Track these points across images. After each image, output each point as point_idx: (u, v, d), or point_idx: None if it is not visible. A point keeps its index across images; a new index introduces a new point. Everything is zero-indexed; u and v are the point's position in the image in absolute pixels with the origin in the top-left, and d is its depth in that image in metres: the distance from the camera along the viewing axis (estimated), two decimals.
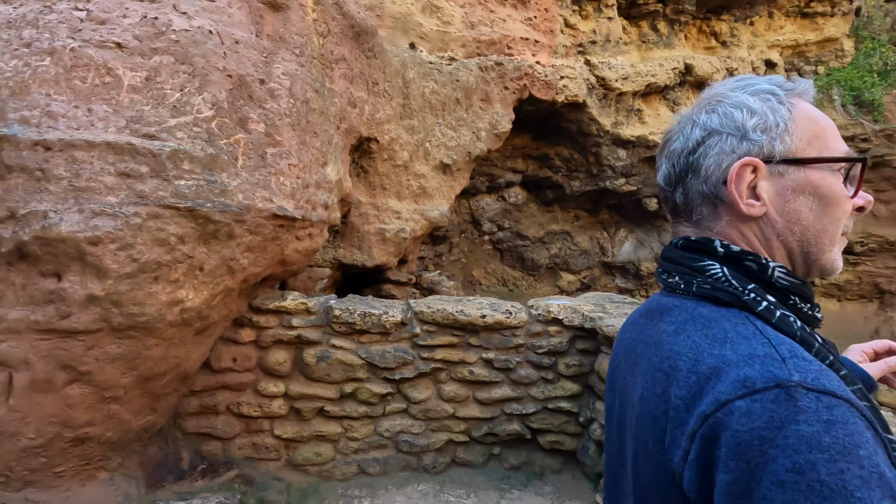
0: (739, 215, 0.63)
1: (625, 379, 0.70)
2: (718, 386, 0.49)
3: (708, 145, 0.63)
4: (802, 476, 0.42)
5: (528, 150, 7.74)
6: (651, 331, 0.66)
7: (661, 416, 0.55)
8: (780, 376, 0.47)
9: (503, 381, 3.20)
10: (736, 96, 0.64)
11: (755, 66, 8.24)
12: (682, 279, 0.65)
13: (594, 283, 9.10)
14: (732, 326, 0.56)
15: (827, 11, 8.40)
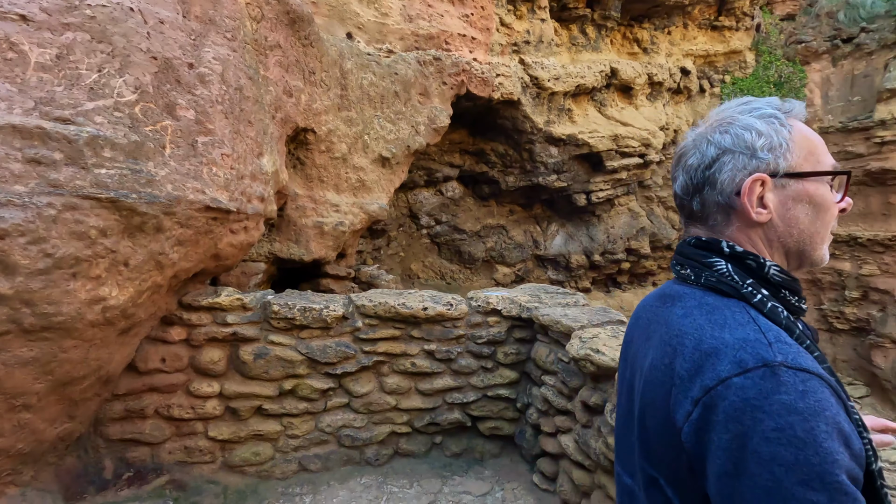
0: (748, 221, 0.74)
1: (637, 351, 0.83)
2: (719, 364, 0.62)
3: (722, 162, 0.74)
4: (783, 433, 0.55)
5: (465, 145, 7.86)
6: (664, 313, 0.78)
7: (668, 381, 0.68)
8: (767, 357, 0.60)
9: (445, 372, 3.27)
10: (744, 119, 0.74)
11: (672, 73, 8.89)
12: (693, 272, 0.77)
13: (528, 276, 9.45)
14: (731, 314, 0.68)
15: (733, 26, 9.22)
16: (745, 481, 0.57)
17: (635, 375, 0.82)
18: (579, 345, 2.55)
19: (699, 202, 0.77)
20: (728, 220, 0.76)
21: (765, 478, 0.56)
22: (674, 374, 0.67)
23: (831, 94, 8.79)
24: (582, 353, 2.47)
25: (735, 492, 0.58)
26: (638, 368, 0.80)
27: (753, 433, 0.57)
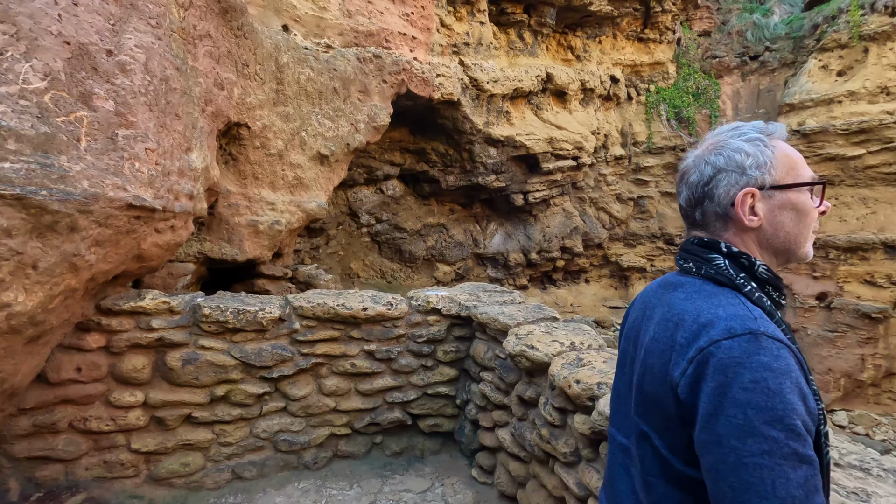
0: (742, 227, 0.88)
1: (639, 329, 0.96)
2: (712, 331, 0.75)
3: (718, 179, 0.88)
4: (758, 384, 0.69)
5: (405, 143, 7.86)
6: (666, 297, 0.91)
7: (668, 349, 0.82)
8: (752, 327, 0.73)
9: (385, 372, 3.28)
10: (734, 143, 0.89)
11: (602, 80, 9.36)
12: (695, 265, 0.90)
13: (468, 274, 9.61)
14: (725, 298, 0.82)
15: (657, 39, 9.85)
16: (722, 420, 0.70)
17: (637, 350, 0.95)
18: (515, 341, 2.65)
19: (701, 213, 0.91)
20: (725, 226, 0.89)
21: (739, 417, 0.69)
22: (674, 343, 0.80)
23: (741, 106, 9.62)
24: (518, 350, 2.57)
25: (713, 428, 0.71)
26: (640, 344, 0.93)
27: (734, 383, 0.70)
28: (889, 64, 7.59)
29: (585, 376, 2.04)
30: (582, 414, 2.03)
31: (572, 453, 2.14)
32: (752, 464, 0.67)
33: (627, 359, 1.00)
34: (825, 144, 8.15)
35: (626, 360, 1.00)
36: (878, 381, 7.78)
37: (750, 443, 0.67)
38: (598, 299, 10.65)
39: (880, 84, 7.62)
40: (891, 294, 7.65)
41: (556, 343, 2.52)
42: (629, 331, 1.03)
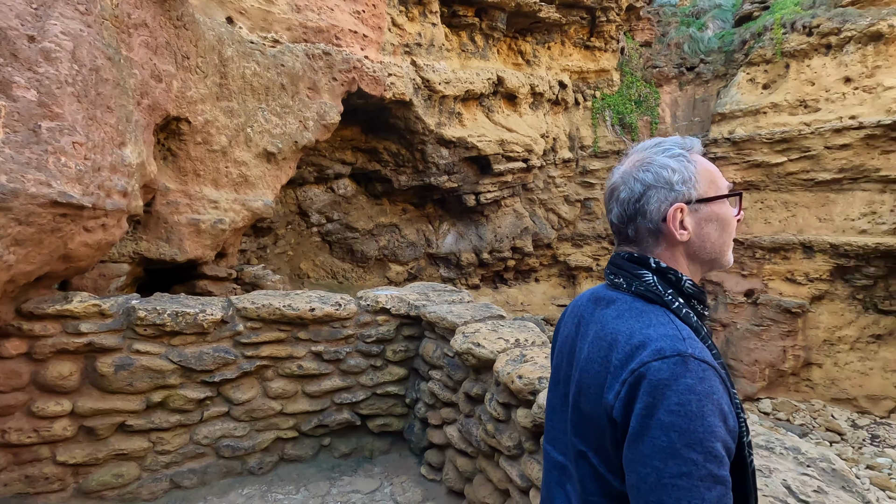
0: (673, 241, 0.90)
1: (573, 345, 0.97)
2: (643, 353, 0.77)
3: (649, 195, 0.89)
4: (683, 407, 0.72)
5: (357, 142, 7.78)
6: (599, 314, 0.93)
7: (603, 371, 0.83)
8: (681, 349, 0.76)
9: (333, 373, 3.24)
10: (660, 159, 0.90)
11: (551, 85, 9.64)
12: (625, 280, 0.91)
13: (420, 274, 9.63)
14: (655, 317, 0.84)
15: (602, 47, 10.26)
16: (647, 440, 0.73)
17: (571, 367, 0.96)
18: (462, 339, 2.70)
19: (633, 229, 0.92)
20: (657, 241, 0.91)
21: (662, 440, 0.72)
22: (609, 365, 0.82)
23: (678, 114, 10.18)
24: (464, 348, 2.62)
25: (638, 447, 0.74)
26: (575, 361, 0.94)
27: (661, 405, 0.73)
28: (807, 79, 8.26)
29: (527, 371, 2.12)
30: (524, 408, 2.10)
31: (516, 446, 2.21)
32: (671, 485, 0.70)
33: (561, 375, 1.01)
34: (752, 152, 8.77)
35: (560, 377, 1.01)
36: (797, 370, 8.47)
37: (671, 464, 0.71)
38: (548, 298, 10.96)
39: (799, 97, 8.29)
40: (808, 290, 8.34)
41: (502, 340, 2.59)
42: (562, 345, 1.03)
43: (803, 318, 8.33)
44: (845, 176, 7.97)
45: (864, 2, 7.90)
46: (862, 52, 7.70)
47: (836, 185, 8.13)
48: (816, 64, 8.14)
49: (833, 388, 8.32)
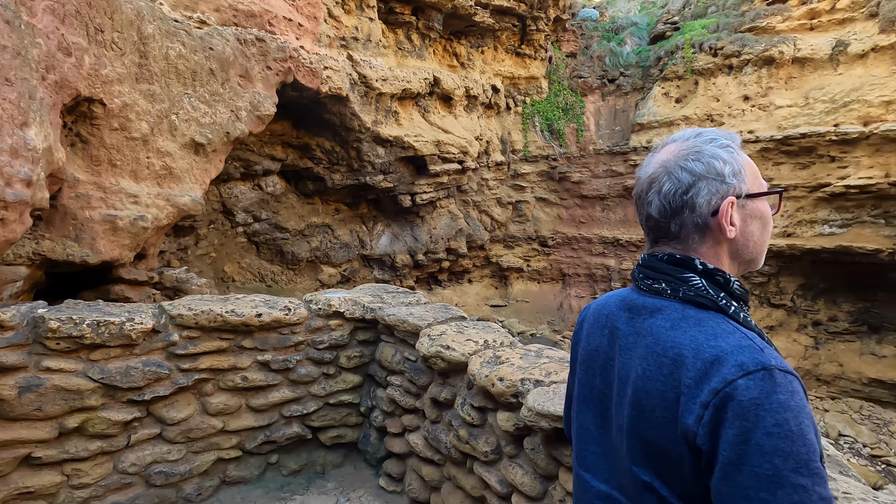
0: (719, 239, 0.83)
1: (609, 359, 0.90)
2: (723, 369, 0.70)
3: (699, 187, 0.81)
4: (781, 428, 0.65)
5: (288, 137, 7.36)
6: (643, 324, 0.85)
7: (672, 391, 0.75)
8: (763, 361, 0.69)
9: (282, 383, 2.98)
10: (709, 149, 0.83)
11: (485, 89, 9.79)
12: (669, 286, 0.83)
13: (354, 276, 9.33)
14: (717, 325, 0.76)
15: (531, 55, 10.60)
16: (747, 471, 0.66)
17: (610, 384, 0.88)
18: (429, 343, 2.58)
19: (678, 224, 0.84)
20: (703, 238, 0.84)
21: (766, 467, 0.65)
22: (680, 385, 0.74)
23: (601, 123, 10.79)
24: (433, 351, 2.51)
25: (738, 479, 0.66)
26: (619, 379, 0.86)
27: (757, 428, 0.66)
28: (713, 96, 9.10)
29: (507, 374, 2.06)
30: (505, 411, 2.04)
31: (493, 451, 2.14)
32: None
33: (595, 393, 0.93)
34: None
35: (594, 395, 0.93)
36: None
37: (780, 495, 0.64)
38: (481, 299, 11.11)
39: (707, 112, 9.11)
40: None
41: (471, 342, 2.52)
42: (589, 359, 0.95)
43: None
44: None
45: (758, 30, 8.87)
46: (758, 74, 8.63)
47: None
48: (721, 82, 9.00)
49: None
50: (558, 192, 10.96)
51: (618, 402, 0.87)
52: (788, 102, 8.37)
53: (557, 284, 11.19)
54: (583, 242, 10.74)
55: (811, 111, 8.18)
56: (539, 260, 11.19)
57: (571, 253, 10.85)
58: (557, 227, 11.02)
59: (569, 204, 10.92)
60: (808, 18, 8.47)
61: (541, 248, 11.17)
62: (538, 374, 2.02)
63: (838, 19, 8.21)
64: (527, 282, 11.32)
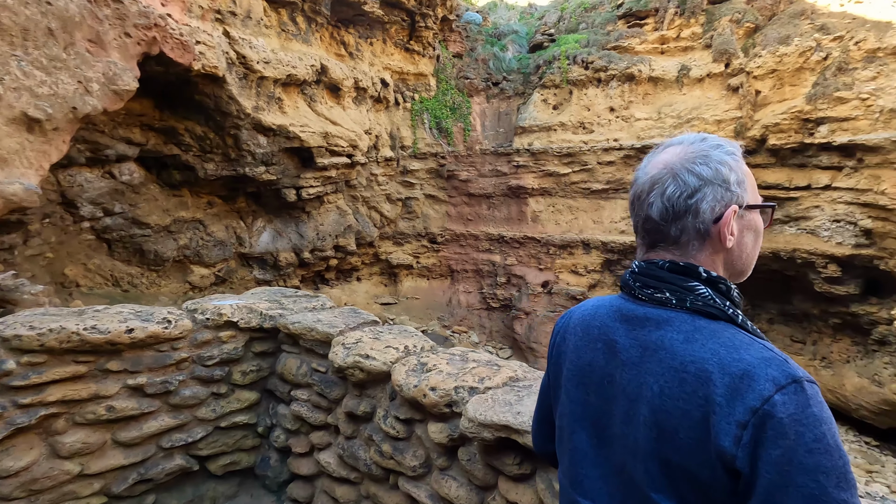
0: (718, 247, 0.81)
1: (605, 376, 0.84)
2: (756, 385, 0.67)
3: (704, 192, 0.79)
4: (820, 443, 0.64)
5: (149, 119, 6.37)
6: (648, 337, 0.80)
7: (697, 410, 0.70)
8: (792, 373, 0.67)
9: (160, 410, 2.51)
10: (716, 154, 0.81)
11: (374, 82, 9.53)
12: (674, 295, 0.80)
13: (231, 276, 8.45)
14: (733, 336, 0.74)
15: (420, 51, 10.59)
16: (793, 492, 0.64)
17: (612, 402, 0.82)
18: (344, 352, 2.36)
19: (679, 229, 0.81)
20: (702, 245, 0.81)
21: (811, 486, 0.63)
22: (708, 403, 0.69)
23: (487, 124, 11.19)
24: (350, 361, 2.30)
25: (782, 501, 0.64)
26: (625, 395, 0.80)
27: (798, 446, 0.64)
28: (584, 105, 9.95)
29: (439, 382, 1.95)
30: (438, 422, 1.93)
31: (422, 465, 2.02)
32: None
33: (591, 411, 0.87)
34: (546, 162, 10.17)
35: (590, 413, 0.87)
36: None
37: None
38: (370, 297, 10.85)
39: (580, 120, 9.94)
40: (587, 280, 10.07)
41: (392, 349, 2.35)
42: (582, 375, 0.89)
43: None
44: (611, 187, 9.86)
45: (621, 49, 9.90)
46: (621, 88, 9.63)
47: (604, 194, 9.99)
48: (591, 93, 9.88)
49: None
50: (447, 189, 11.13)
51: (624, 420, 0.81)
52: (645, 115, 9.48)
53: (446, 280, 11.38)
54: (470, 239, 11.06)
55: (662, 124, 9.36)
56: (428, 257, 11.27)
57: (459, 249, 11.11)
58: (446, 224, 11.20)
59: (457, 201, 11.16)
60: (660, 43, 9.68)
61: (430, 244, 11.25)
62: (471, 380, 1.94)
63: (682, 47, 9.50)
64: (416, 278, 11.34)
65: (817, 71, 8.11)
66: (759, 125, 8.52)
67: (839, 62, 7.87)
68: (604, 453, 0.85)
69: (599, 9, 11.21)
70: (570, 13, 11.64)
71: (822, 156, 8.11)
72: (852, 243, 8.02)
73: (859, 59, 7.72)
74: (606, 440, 0.84)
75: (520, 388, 1.84)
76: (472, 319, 11.01)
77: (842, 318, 8.76)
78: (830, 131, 7.86)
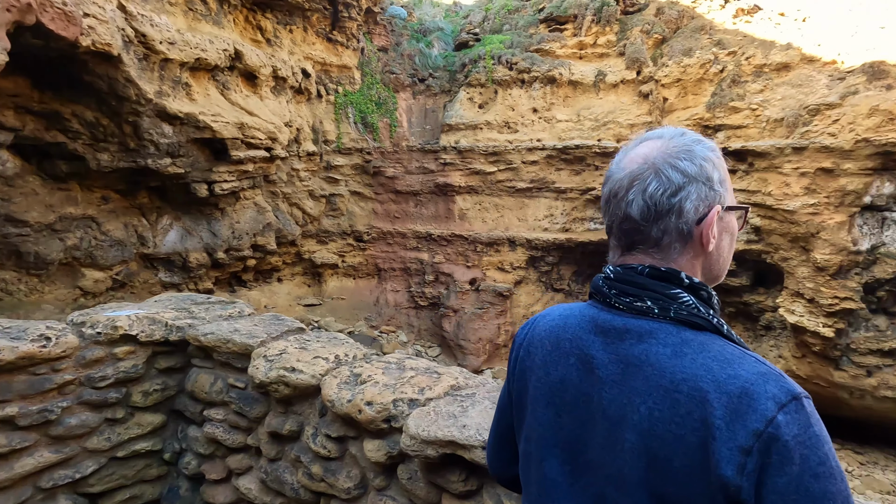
0: (699, 250, 0.76)
1: (581, 394, 0.76)
2: (757, 405, 0.61)
3: (688, 191, 0.73)
4: (824, 466, 0.60)
5: (25, 100, 5.51)
6: (629, 351, 0.72)
7: (690, 434, 0.64)
8: (791, 389, 0.63)
9: (37, 444, 2.12)
10: (700, 150, 0.75)
11: (294, 71, 9.02)
12: (656, 304, 0.73)
13: (131, 280, 7.60)
14: (722, 349, 0.68)
15: (344, 42, 10.20)
16: None
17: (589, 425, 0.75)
18: (266, 365, 2.13)
19: (660, 229, 0.75)
20: (684, 248, 0.76)
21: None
22: (707, 426, 0.63)
23: (413, 120, 11.04)
24: (274, 375, 2.07)
25: None
26: (606, 418, 0.73)
27: (804, 471, 0.60)
28: (509, 105, 10.14)
29: (375, 395, 1.79)
30: (374, 439, 1.77)
31: (357, 486, 1.86)
32: None
33: (563, 435, 0.78)
34: (473, 161, 10.24)
35: (562, 438, 0.78)
36: (507, 342, 10.38)
37: None
38: (293, 298, 10.32)
39: (504, 119, 10.11)
40: (513, 276, 10.30)
41: (320, 360, 2.15)
42: (552, 394, 0.80)
43: (510, 299, 10.26)
44: (534, 186, 10.14)
45: (543, 52, 10.20)
46: (543, 91, 9.93)
47: (528, 192, 10.26)
48: (516, 94, 10.08)
49: None
50: (373, 186, 10.86)
51: (605, 446, 0.72)
52: (566, 118, 9.85)
53: (373, 280, 11.11)
54: (398, 237, 10.87)
55: (581, 127, 9.77)
56: (354, 255, 10.93)
57: (387, 248, 10.89)
58: (373, 222, 10.92)
59: (384, 199, 10.92)
60: (579, 49, 10.09)
61: (356, 243, 10.92)
62: (410, 391, 1.81)
63: (599, 53, 9.97)
64: (342, 278, 10.96)
65: (715, 82, 8.87)
66: None
67: (733, 75, 8.66)
68: (580, 483, 0.75)
69: (522, 11, 11.48)
70: (494, 14, 11.80)
71: None
72: (745, 239, 8.87)
73: (749, 73, 8.54)
74: (582, 468, 0.75)
75: (463, 398, 1.74)
76: (400, 319, 10.84)
77: (736, 307, 9.69)
78: (727, 137, 8.63)
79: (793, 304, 8.12)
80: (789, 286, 8.25)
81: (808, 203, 7.68)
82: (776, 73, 8.33)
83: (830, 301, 7.51)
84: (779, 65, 8.28)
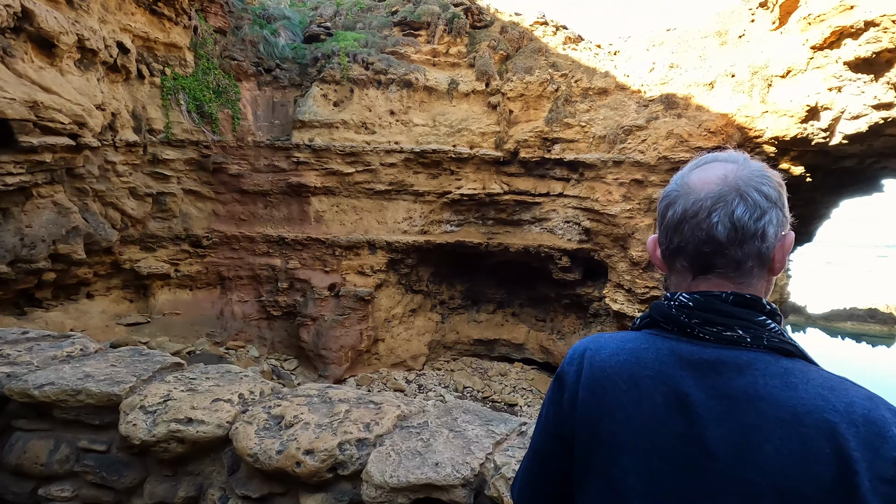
0: (769, 274, 0.77)
1: (688, 438, 0.70)
2: (885, 432, 0.62)
3: (771, 216, 0.74)
4: None
5: None
6: (731, 385, 0.69)
7: (826, 469, 0.62)
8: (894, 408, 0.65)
9: None
10: (773, 175, 0.76)
11: (108, 44, 7.48)
12: (748, 333, 0.72)
13: None
14: (819, 374, 0.69)
15: (172, 17, 8.80)
16: None
17: (700, 472, 0.68)
18: (148, 419, 1.64)
19: (745, 252, 0.74)
20: (762, 272, 0.76)
21: None
22: (841, 459, 0.62)
23: (259, 114, 10.08)
24: (162, 432, 1.60)
25: None
26: (720, 460, 0.67)
27: None
28: (366, 105, 9.92)
29: (314, 441, 1.51)
30: (315, 493, 1.49)
31: None
32: None
33: (664, 483, 0.70)
34: (329, 161, 9.77)
35: (664, 485, 0.71)
36: (369, 347, 10.15)
37: None
38: (110, 318, 8.56)
39: (362, 119, 9.86)
40: (373, 280, 10.11)
41: (222, 403, 1.75)
42: (644, 440, 0.72)
43: (371, 304, 10.05)
44: (393, 188, 10.11)
45: (399, 55, 10.23)
46: (400, 94, 9.95)
47: (388, 195, 10.18)
48: (373, 94, 9.91)
49: (392, 356, 10.49)
50: (213, 184, 9.61)
51: (721, 490, 0.66)
52: (423, 122, 10.02)
53: (216, 290, 9.85)
54: (245, 241, 9.81)
55: (438, 132, 10.06)
56: (191, 263, 9.53)
57: (231, 253, 9.74)
58: (213, 225, 9.67)
59: (227, 199, 9.75)
60: (432, 56, 10.36)
61: (193, 248, 9.54)
62: (355, 430, 1.57)
63: (451, 62, 10.38)
64: (176, 290, 9.47)
65: (552, 99, 9.93)
66: (513, 140, 9.96)
67: (566, 95, 9.81)
68: None
69: (376, 11, 11.35)
70: (346, 10, 11.44)
71: (556, 169, 9.98)
72: (577, 239, 10.13)
73: (578, 94, 9.77)
74: None
75: (418, 429, 1.58)
76: (250, 332, 9.80)
77: (570, 298, 11.02)
78: (562, 149, 9.74)
79: (615, 293, 9.53)
80: (612, 279, 9.67)
81: (626, 208, 9.09)
82: (598, 96, 9.68)
83: (643, 290, 9.01)
84: (600, 89, 9.64)
